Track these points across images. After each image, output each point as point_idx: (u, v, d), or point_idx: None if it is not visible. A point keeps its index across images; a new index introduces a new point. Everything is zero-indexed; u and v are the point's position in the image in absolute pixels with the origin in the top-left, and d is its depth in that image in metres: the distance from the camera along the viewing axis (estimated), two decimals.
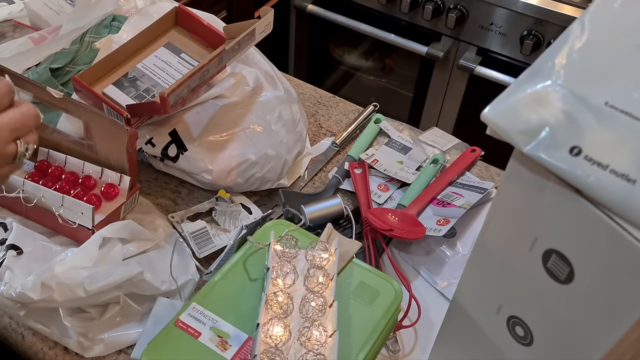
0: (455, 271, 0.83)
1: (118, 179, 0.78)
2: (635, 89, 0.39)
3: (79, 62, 0.90)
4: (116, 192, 0.78)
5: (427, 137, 1.04)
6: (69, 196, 0.74)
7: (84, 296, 0.67)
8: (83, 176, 0.79)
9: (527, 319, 0.49)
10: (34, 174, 0.79)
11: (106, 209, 0.77)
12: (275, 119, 0.88)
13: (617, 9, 0.43)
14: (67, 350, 0.72)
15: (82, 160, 0.80)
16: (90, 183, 0.79)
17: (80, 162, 0.80)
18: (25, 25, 1.06)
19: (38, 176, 0.79)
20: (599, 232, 0.38)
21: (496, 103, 0.41)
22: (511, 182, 0.45)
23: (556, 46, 0.42)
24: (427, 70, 1.66)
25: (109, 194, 0.78)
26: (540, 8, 1.37)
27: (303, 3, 1.75)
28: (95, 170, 0.79)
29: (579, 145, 0.38)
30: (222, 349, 0.60)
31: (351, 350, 0.61)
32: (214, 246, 0.83)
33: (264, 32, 0.84)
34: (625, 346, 0.41)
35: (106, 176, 0.79)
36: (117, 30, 0.92)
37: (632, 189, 0.36)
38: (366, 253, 0.82)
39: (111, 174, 0.78)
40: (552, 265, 0.43)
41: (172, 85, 0.75)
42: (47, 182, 0.78)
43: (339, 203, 0.86)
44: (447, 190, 0.91)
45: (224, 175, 0.86)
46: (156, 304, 0.73)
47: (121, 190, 0.78)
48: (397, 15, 1.60)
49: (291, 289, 0.65)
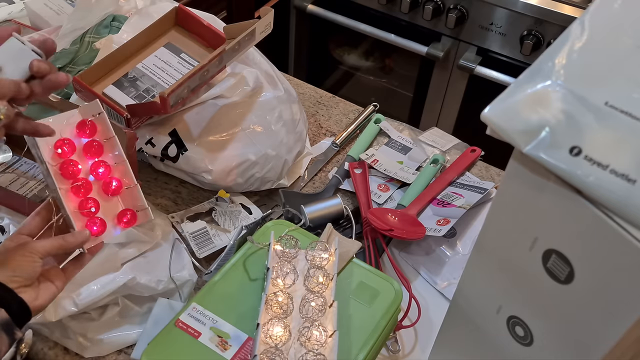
0: (455, 271, 0.83)
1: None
2: (635, 89, 0.39)
3: (79, 62, 0.90)
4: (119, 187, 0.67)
5: (427, 137, 1.04)
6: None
7: (77, 310, 0.68)
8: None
9: (527, 319, 0.49)
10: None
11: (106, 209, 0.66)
12: (275, 119, 0.88)
13: (617, 9, 0.43)
14: (67, 350, 0.72)
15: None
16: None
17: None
18: (25, 25, 1.06)
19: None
20: (599, 232, 0.38)
21: (496, 103, 0.41)
22: (511, 182, 0.45)
23: (556, 46, 0.42)
24: (427, 70, 1.66)
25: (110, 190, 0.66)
26: (540, 8, 1.37)
27: (303, 3, 1.75)
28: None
29: (579, 145, 0.38)
30: (222, 349, 0.60)
31: (351, 350, 0.61)
32: (214, 246, 0.83)
33: (264, 32, 0.84)
34: (625, 346, 0.41)
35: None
36: (117, 30, 0.92)
37: (632, 189, 0.36)
38: (366, 253, 0.82)
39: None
40: (552, 265, 0.43)
41: (172, 85, 0.75)
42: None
43: (339, 203, 0.86)
44: (447, 190, 0.91)
45: (224, 175, 0.86)
46: (156, 305, 0.73)
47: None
48: (397, 15, 1.60)
49: (291, 289, 0.65)
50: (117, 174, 0.67)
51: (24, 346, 0.68)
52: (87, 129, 0.66)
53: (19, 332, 0.56)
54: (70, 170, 0.64)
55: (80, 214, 0.64)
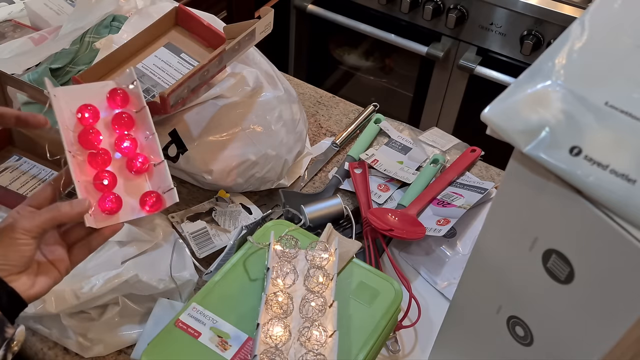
0: (455, 271, 0.83)
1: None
2: (635, 89, 0.39)
3: (79, 62, 0.90)
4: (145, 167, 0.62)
5: (427, 137, 1.04)
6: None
7: (77, 303, 0.68)
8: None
9: (527, 319, 0.49)
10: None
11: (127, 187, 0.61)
12: (275, 119, 0.88)
13: (617, 9, 0.43)
14: (66, 350, 0.72)
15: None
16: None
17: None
18: (25, 25, 1.06)
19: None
20: (599, 232, 0.38)
21: (496, 103, 0.41)
22: (511, 182, 0.45)
23: (556, 46, 0.42)
24: (427, 70, 1.66)
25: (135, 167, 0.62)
26: (540, 8, 1.37)
27: (303, 3, 1.75)
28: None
29: (579, 145, 0.38)
30: (222, 349, 0.60)
31: (351, 350, 0.61)
32: (214, 246, 0.83)
33: (264, 32, 0.84)
34: (625, 346, 0.41)
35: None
36: (117, 30, 0.92)
37: (632, 189, 0.36)
38: (366, 253, 0.82)
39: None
40: (552, 265, 0.43)
41: (172, 85, 0.75)
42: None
43: (339, 203, 0.86)
44: (447, 190, 0.91)
45: (224, 175, 0.86)
46: (156, 305, 0.73)
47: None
48: (397, 15, 1.60)
49: (291, 289, 0.65)
50: (144, 150, 0.62)
51: (15, 344, 0.61)
52: (118, 98, 0.63)
53: (11, 329, 0.50)
54: (89, 139, 0.60)
55: (94, 187, 0.59)
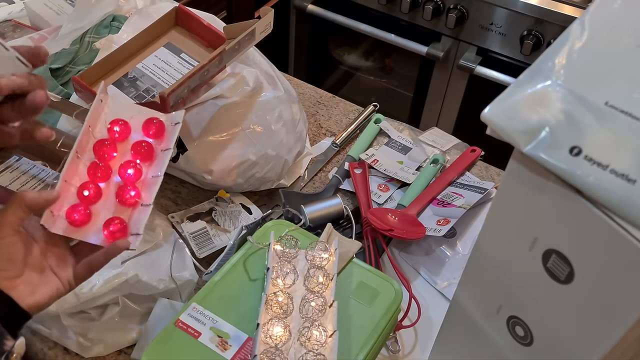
0: (455, 271, 0.83)
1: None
2: (635, 89, 0.39)
3: (79, 62, 0.90)
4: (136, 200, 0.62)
5: (427, 137, 1.04)
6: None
7: (77, 303, 0.67)
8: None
9: (527, 319, 0.49)
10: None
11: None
12: (275, 119, 0.88)
13: (617, 9, 0.43)
14: (67, 350, 0.72)
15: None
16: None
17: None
18: (25, 25, 1.06)
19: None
20: (599, 232, 0.38)
21: (496, 103, 0.41)
22: (511, 182, 0.45)
23: (556, 46, 0.42)
24: (427, 70, 1.66)
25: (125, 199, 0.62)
26: (540, 8, 1.37)
27: (303, 3, 1.75)
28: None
29: (579, 145, 0.38)
30: (222, 349, 0.60)
31: (351, 350, 0.61)
32: (214, 246, 0.83)
33: (264, 32, 0.84)
34: (625, 346, 0.41)
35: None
36: (117, 30, 0.92)
37: (632, 189, 0.36)
38: (366, 253, 0.82)
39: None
40: (552, 265, 0.43)
41: (172, 85, 0.75)
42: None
43: (339, 203, 0.86)
44: (447, 190, 0.91)
45: (224, 175, 0.86)
46: (156, 305, 0.73)
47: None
48: (397, 15, 1.60)
49: (291, 289, 0.65)
50: (142, 186, 0.62)
51: (15, 357, 0.61)
52: (153, 127, 0.64)
53: (10, 341, 0.46)
54: (102, 149, 0.61)
55: (76, 194, 0.59)
